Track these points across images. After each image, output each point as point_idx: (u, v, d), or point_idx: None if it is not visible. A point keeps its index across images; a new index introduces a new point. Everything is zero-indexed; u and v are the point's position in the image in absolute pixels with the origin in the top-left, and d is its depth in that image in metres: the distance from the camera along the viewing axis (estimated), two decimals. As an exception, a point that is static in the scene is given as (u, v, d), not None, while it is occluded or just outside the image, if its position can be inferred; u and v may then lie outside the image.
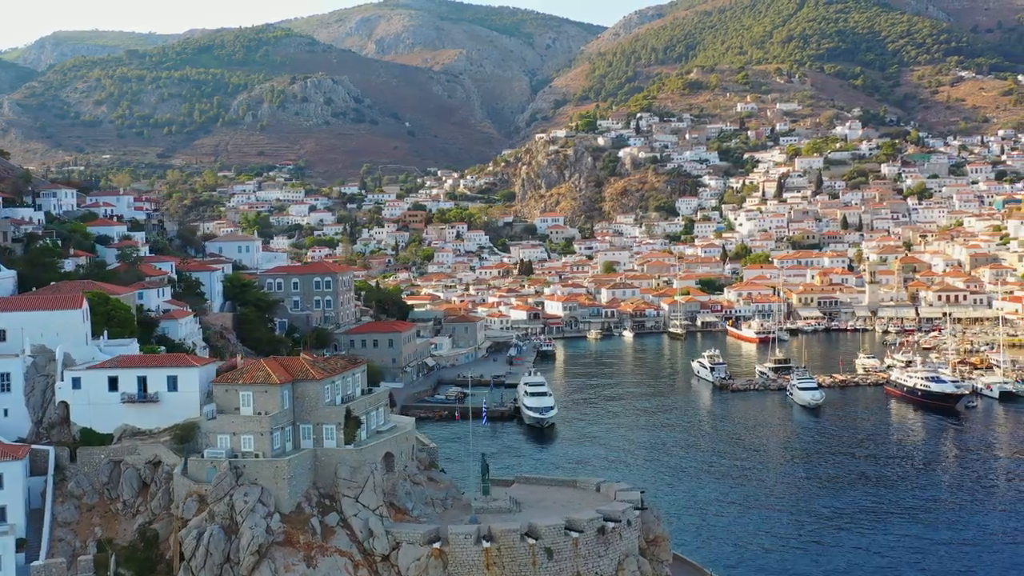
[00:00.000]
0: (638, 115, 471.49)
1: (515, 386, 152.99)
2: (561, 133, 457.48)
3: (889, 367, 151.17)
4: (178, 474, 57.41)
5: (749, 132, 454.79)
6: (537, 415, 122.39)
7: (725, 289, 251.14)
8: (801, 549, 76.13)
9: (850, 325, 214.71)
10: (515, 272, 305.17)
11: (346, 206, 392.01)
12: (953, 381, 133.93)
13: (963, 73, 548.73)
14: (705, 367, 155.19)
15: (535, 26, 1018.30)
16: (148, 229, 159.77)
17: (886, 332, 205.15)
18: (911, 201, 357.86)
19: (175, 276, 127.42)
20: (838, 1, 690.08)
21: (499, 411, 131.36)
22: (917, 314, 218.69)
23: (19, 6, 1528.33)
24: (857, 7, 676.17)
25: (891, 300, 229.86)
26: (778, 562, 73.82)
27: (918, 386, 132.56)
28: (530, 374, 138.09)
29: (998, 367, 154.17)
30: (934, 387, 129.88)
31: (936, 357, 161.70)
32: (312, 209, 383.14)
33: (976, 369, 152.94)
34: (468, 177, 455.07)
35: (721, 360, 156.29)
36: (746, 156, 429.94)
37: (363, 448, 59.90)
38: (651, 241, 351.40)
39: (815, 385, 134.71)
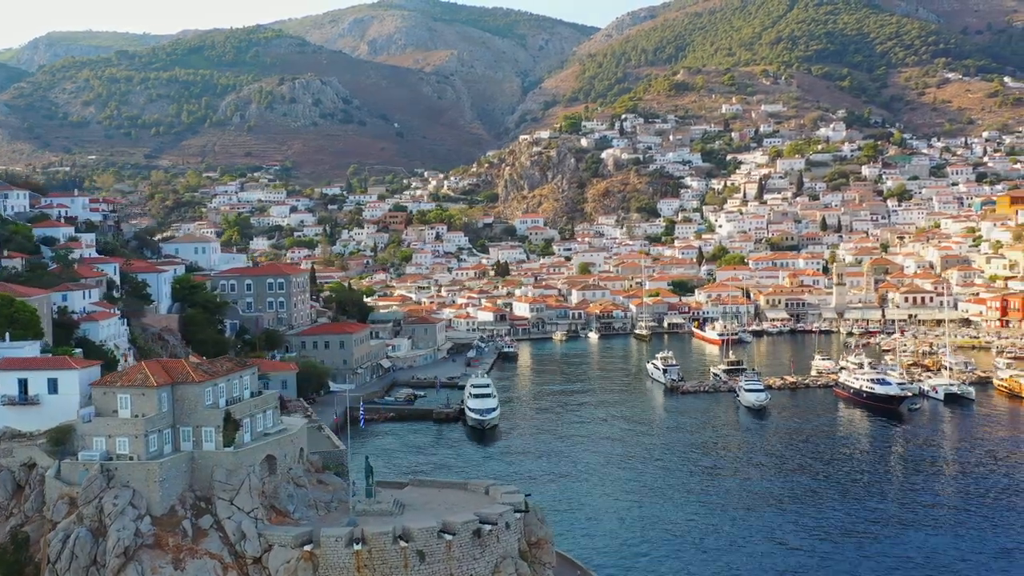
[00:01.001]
0: (623, 116, 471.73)
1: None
2: (545, 134, 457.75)
3: (841, 369, 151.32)
4: (51, 477, 57.51)
5: (733, 134, 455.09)
6: (478, 416, 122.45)
7: (696, 291, 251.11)
8: (704, 552, 76.03)
9: (815, 327, 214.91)
10: (491, 273, 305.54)
11: (327, 207, 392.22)
12: (898, 383, 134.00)
13: (950, 75, 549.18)
14: (658, 369, 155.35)
15: (528, 27, 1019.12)
16: (103, 231, 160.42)
17: (850, 334, 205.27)
18: (891, 203, 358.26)
19: (119, 278, 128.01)
20: (828, 3, 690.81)
21: (444, 413, 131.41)
22: (883, 316, 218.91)
23: (14, 7, 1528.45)
24: (847, 9, 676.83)
25: (859, 302, 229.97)
26: (670, 564, 73.76)
27: (864, 388, 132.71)
28: (477, 376, 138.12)
29: (949, 369, 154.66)
30: (878, 389, 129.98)
31: (891, 359, 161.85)
32: (293, 210, 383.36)
33: (928, 371, 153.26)
34: (452, 178, 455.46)
35: (674, 362, 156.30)
36: (729, 158, 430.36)
37: (240, 451, 59.96)
38: (631, 242, 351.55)
39: (761, 387, 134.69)
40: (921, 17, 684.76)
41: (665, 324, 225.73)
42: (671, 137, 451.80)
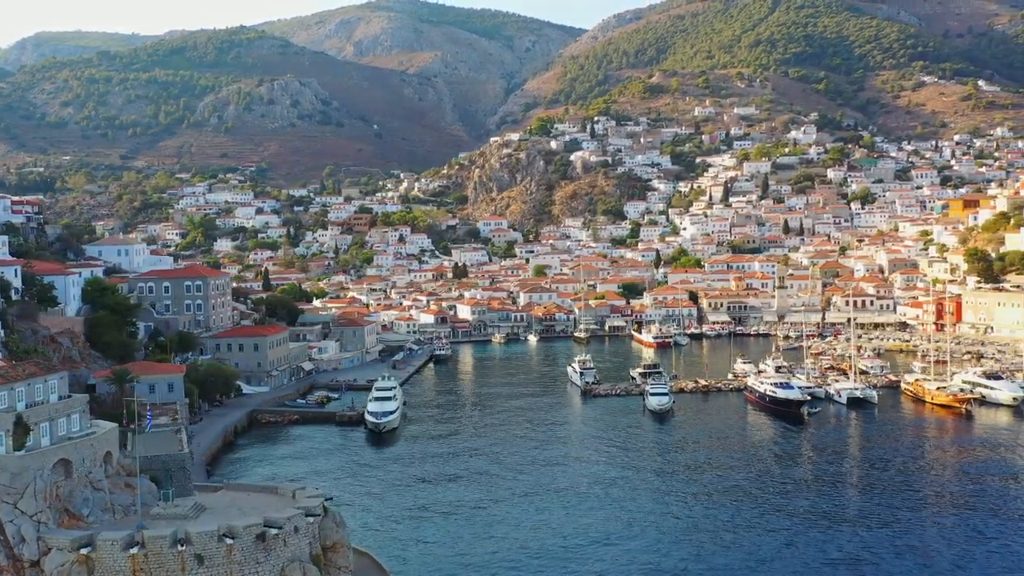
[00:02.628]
0: (595, 119, 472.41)
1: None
2: (515, 136, 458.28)
3: (758, 372, 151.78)
4: None
5: (704, 136, 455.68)
6: (374, 420, 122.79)
7: (644, 293, 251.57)
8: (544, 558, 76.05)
9: (753, 330, 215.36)
10: (449, 275, 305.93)
11: (293, 209, 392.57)
12: (801, 387, 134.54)
13: (926, 78, 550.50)
14: (576, 372, 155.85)
15: (515, 29, 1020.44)
16: (24, 233, 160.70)
17: (786, 337, 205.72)
18: (854, 206, 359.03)
19: (20, 280, 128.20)
20: (809, 6, 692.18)
21: (347, 416, 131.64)
22: (823, 319, 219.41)
23: (3, 7, 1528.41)
24: (827, 12, 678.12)
25: (803, 305, 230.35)
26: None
27: (767, 392, 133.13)
28: (382, 379, 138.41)
29: (867, 372, 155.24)
30: (780, 393, 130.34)
31: (811, 362, 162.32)
32: (259, 212, 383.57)
33: (843, 374, 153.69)
34: (423, 180, 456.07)
35: (590, 366, 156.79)
36: (699, 160, 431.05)
37: (27, 454, 60.22)
38: (594, 245, 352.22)
39: (665, 391, 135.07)
40: (902, 20, 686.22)
41: (606, 327, 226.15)
42: (642, 140, 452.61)
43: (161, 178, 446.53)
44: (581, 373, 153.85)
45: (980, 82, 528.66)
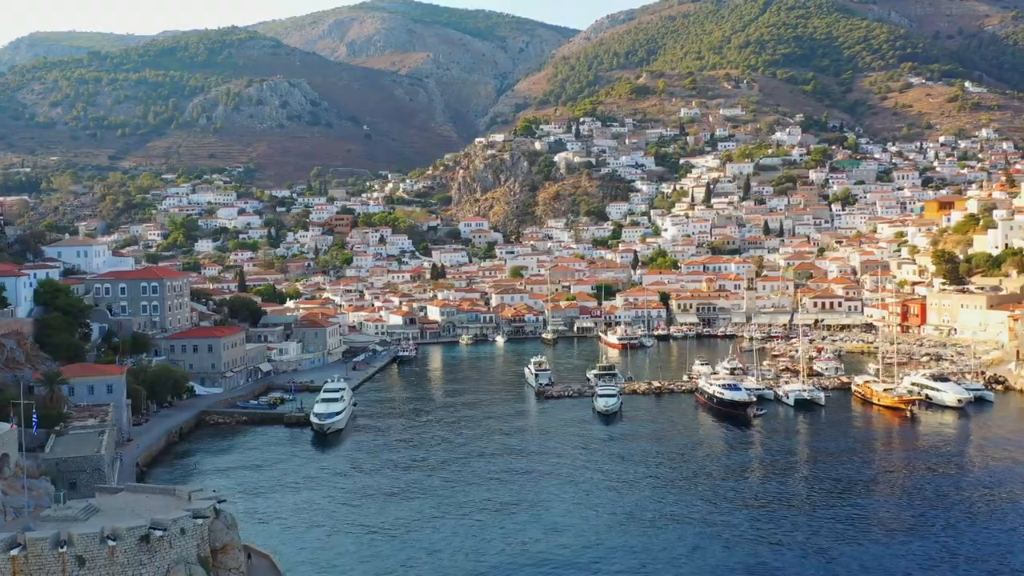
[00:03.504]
0: (580, 120, 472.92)
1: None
2: (500, 137, 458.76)
3: (714, 374, 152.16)
4: None
5: (688, 137, 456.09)
6: (319, 421, 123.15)
7: (617, 295, 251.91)
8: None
9: (721, 332, 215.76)
10: (427, 276, 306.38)
11: (275, 210, 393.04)
12: (750, 389, 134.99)
13: (913, 79, 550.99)
14: (532, 373, 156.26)
15: (509, 29, 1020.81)
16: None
17: (752, 339, 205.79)
18: (835, 207, 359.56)
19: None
20: (800, 7, 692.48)
21: (296, 417, 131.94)
22: (790, 321, 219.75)
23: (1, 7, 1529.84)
24: (818, 13, 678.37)
25: (772, 307, 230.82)
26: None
27: (715, 394, 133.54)
28: (332, 380, 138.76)
29: (821, 374, 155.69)
30: (727, 395, 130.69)
31: (768, 364, 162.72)
32: (241, 212, 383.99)
33: (797, 376, 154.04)
34: (408, 181, 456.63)
35: (546, 367, 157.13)
36: (683, 161, 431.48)
37: (-88, 457, 60.68)
38: (574, 246, 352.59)
39: (614, 393, 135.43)
40: (893, 21, 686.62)
41: (575, 328, 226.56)
42: (627, 141, 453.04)
43: (146, 179, 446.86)
44: (536, 375, 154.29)
45: (967, 83, 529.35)
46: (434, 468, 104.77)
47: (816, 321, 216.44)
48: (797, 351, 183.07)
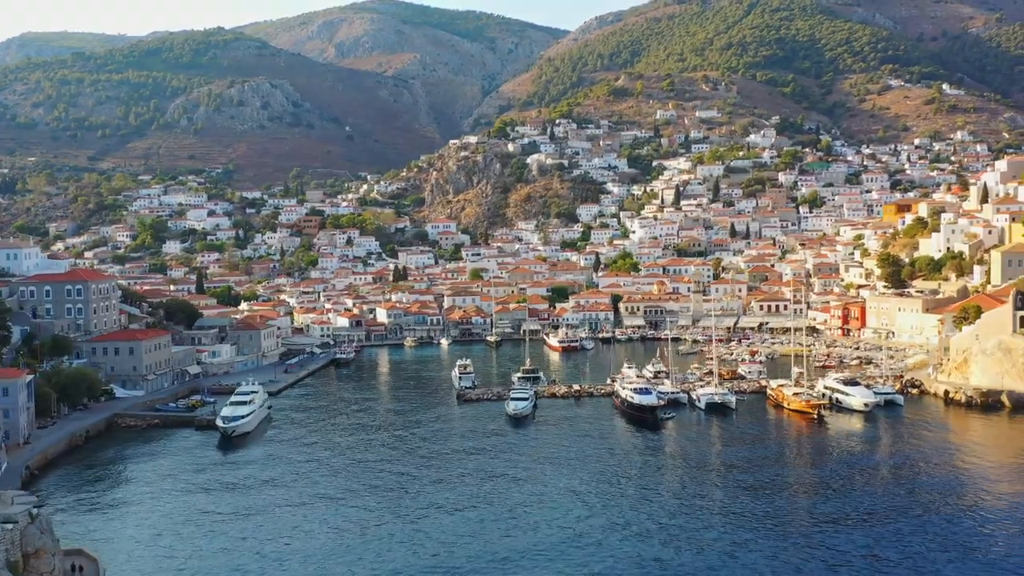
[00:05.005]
0: (556, 122, 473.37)
1: (270, 395, 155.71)
2: (473, 139, 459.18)
3: (640, 376, 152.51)
4: None
5: (663, 139, 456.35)
6: (223, 424, 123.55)
7: (570, 297, 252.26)
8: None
9: (664, 334, 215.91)
10: (390, 278, 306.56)
11: (245, 211, 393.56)
12: (663, 393, 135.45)
13: (892, 82, 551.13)
14: (456, 376, 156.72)
15: (499, 30, 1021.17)
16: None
17: (695, 341, 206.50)
18: (803, 210, 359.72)
19: None
20: (784, 9, 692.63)
21: (206, 420, 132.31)
22: (735, 324, 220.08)
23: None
24: (801, 15, 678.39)
25: (721, 309, 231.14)
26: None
27: (627, 397, 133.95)
28: (246, 383, 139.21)
29: (744, 378, 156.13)
30: (636, 399, 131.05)
31: (696, 367, 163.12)
32: (211, 214, 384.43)
33: (725, 380, 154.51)
34: (382, 183, 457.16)
35: (470, 370, 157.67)
36: (655, 163, 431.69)
37: None
38: (541, 248, 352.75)
39: (526, 396, 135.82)
40: (878, 23, 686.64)
41: (522, 331, 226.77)
42: (601, 143, 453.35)
43: (119, 180, 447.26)
44: (460, 378, 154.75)
45: (944, 86, 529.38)
46: (327, 474, 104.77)
47: (760, 324, 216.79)
48: (732, 354, 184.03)
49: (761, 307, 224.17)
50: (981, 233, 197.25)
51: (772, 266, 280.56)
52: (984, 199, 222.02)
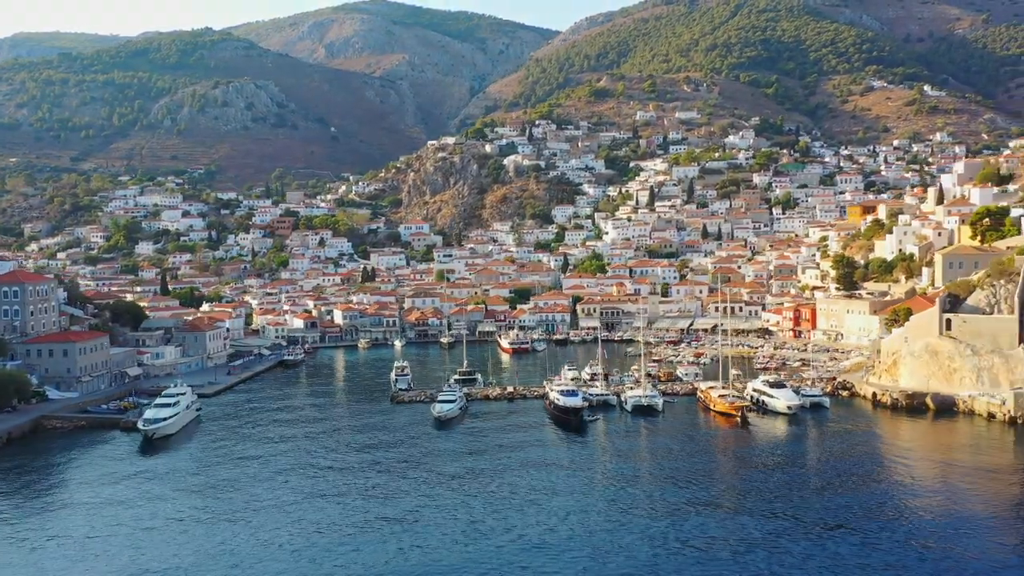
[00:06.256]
0: (535, 122, 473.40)
1: (207, 396, 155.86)
2: (451, 140, 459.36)
3: (591, 379, 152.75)
4: None
5: (641, 140, 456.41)
6: (144, 427, 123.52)
7: (531, 299, 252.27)
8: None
9: (617, 336, 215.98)
10: (358, 279, 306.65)
11: (219, 212, 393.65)
12: (593, 394, 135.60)
13: (875, 83, 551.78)
14: (393, 378, 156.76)
15: (490, 31, 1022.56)
16: None
17: (647, 343, 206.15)
18: (776, 211, 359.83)
19: None
20: (770, 10, 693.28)
21: (132, 422, 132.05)
22: (690, 326, 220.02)
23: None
24: (788, 16, 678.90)
25: (678, 311, 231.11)
26: None
27: (554, 399, 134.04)
28: (174, 385, 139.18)
29: (683, 379, 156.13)
30: (562, 401, 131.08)
31: (635, 369, 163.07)
32: (185, 215, 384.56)
33: (662, 382, 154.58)
34: (360, 183, 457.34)
35: (406, 372, 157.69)
36: (632, 164, 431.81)
37: None
38: (514, 250, 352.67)
39: (453, 399, 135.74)
40: (864, 24, 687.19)
41: (477, 332, 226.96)
42: (580, 144, 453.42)
43: (97, 180, 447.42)
44: (396, 380, 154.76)
45: (926, 87, 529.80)
46: (236, 481, 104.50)
47: (715, 326, 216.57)
48: (679, 355, 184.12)
49: (717, 309, 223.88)
50: (931, 235, 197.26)
51: (739, 268, 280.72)
52: (940, 201, 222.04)
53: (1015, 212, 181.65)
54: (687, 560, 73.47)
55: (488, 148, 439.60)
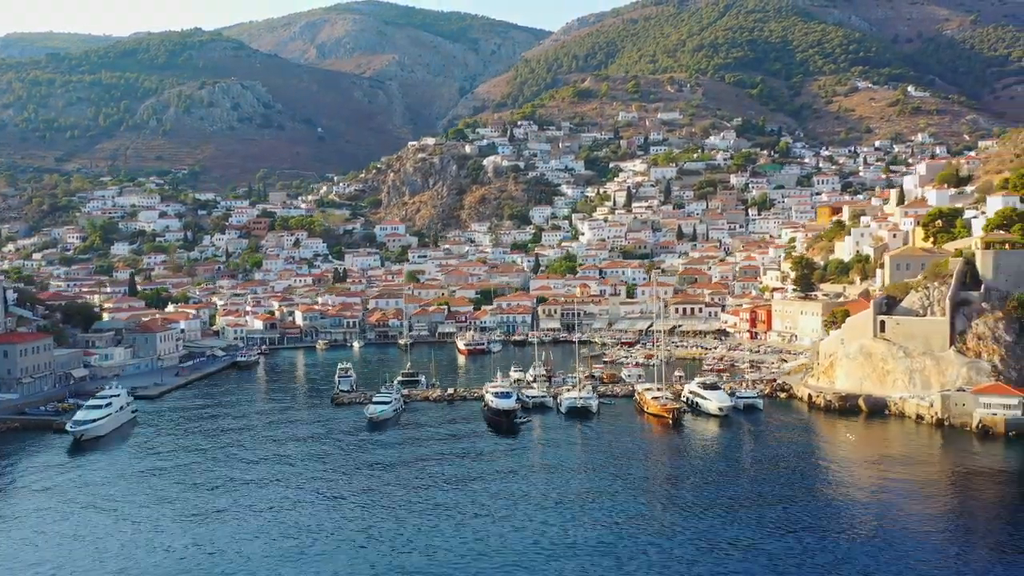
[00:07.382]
0: (517, 123, 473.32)
1: (151, 398, 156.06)
2: (431, 141, 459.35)
3: (533, 381, 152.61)
4: None
5: (622, 141, 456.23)
6: (72, 428, 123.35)
7: (494, 300, 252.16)
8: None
9: (575, 337, 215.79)
10: (330, 280, 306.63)
11: (196, 213, 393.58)
12: (529, 396, 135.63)
13: (860, 84, 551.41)
14: (337, 379, 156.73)
15: (482, 32, 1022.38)
16: None
17: (603, 344, 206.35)
18: (752, 212, 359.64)
19: None
20: (759, 10, 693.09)
21: (63, 423, 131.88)
22: (649, 327, 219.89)
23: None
24: (776, 16, 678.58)
25: (639, 312, 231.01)
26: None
27: (488, 402, 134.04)
28: (110, 387, 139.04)
29: (626, 381, 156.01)
30: (495, 403, 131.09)
31: (582, 371, 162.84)
32: (162, 215, 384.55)
33: (605, 384, 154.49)
34: (340, 184, 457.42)
35: (350, 373, 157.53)
36: (612, 165, 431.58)
37: None
38: (489, 251, 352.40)
39: (387, 400, 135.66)
40: (852, 25, 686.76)
41: (437, 333, 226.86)
42: (560, 144, 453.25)
43: (77, 181, 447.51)
44: (339, 381, 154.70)
45: (910, 88, 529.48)
46: (163, 480, 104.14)
47: (674, 327, 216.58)
48: (630, 356, 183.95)
49: (677, 310, 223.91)
50: (887, 236, 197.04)
51: (708, 269, 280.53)
52: (901, 202, 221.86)
53: (968, 214, 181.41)
54: None
55: (468, 149, 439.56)
